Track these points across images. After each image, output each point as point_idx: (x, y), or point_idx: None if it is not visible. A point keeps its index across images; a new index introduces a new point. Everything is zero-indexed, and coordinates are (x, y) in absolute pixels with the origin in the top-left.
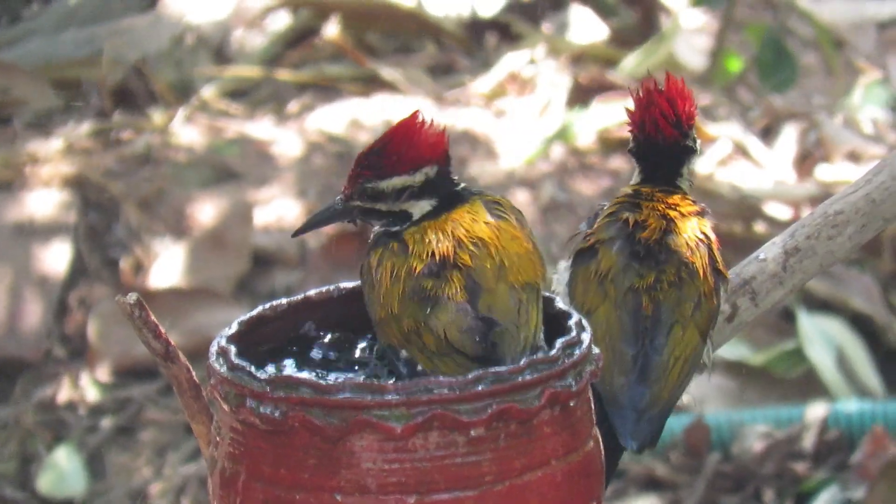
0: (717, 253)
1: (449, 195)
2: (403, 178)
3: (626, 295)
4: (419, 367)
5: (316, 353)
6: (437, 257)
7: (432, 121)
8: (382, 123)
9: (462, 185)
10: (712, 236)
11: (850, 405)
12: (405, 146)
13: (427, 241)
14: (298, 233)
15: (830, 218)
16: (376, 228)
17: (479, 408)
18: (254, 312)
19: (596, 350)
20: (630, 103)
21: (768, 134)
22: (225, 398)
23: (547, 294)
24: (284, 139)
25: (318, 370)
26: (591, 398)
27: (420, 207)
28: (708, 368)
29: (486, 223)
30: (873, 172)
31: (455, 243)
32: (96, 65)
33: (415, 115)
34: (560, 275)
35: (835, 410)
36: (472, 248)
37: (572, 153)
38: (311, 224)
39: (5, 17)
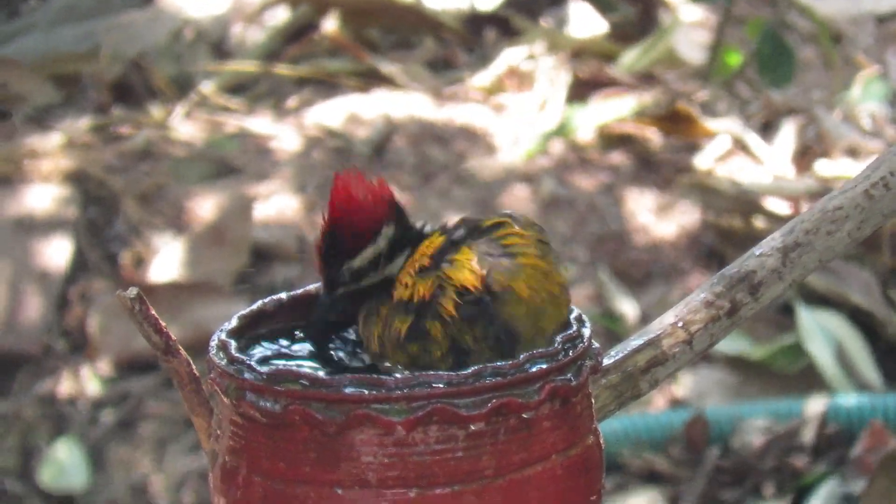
0: None
1: (417, 238)
2: (369, 249)
3: None
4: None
5: (314, 347)
6: (415, 304)
7: (362, 177)
8: (381, 118)
9: (426, 226)
10: None
11: (850, 399)
12: (352, 217)
13: (406, 285)
14: (311, 337)
15: (829, 213)
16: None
17: (478, 402)
18: (254, 307)
19: (596, 345)
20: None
21: (767, 129)
22: (225, 392)
23: None
24: (283, 134)
25: (318, 363)
26: (591, 393)
27: (398, 266)
28: None
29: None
30: (872, 168)
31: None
32: (95, 60)
33: (343, 179)
34: None
35: (834, 404)
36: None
37: (571, 148)
38: (316, 328)
39: (3, 12)
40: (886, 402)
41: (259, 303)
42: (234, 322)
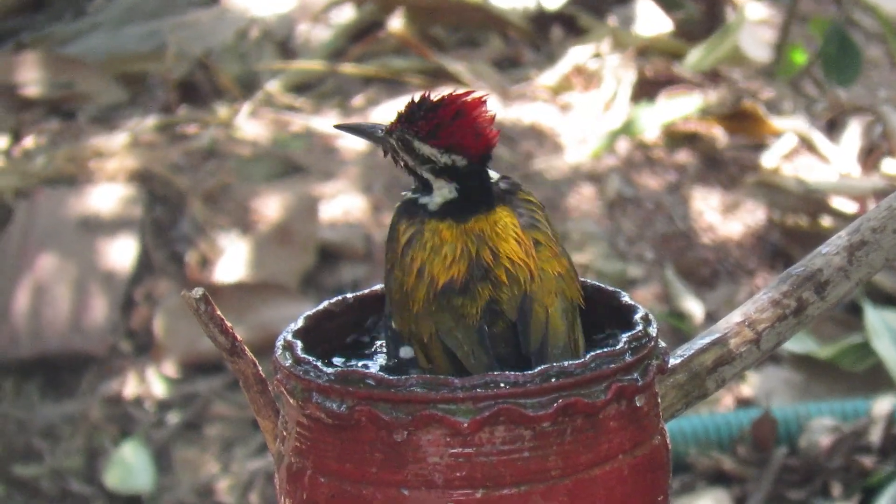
0: None
1: (475, 191)
2: (432, 150)
3: None
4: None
5: (380, 348)
6: (468, 268)
7: (493, 116)
8: None
9: (497, 179)
10: None
11: None
12: (451, 122)
13: (457, 246)
14: (339, 127)
15: None
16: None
17: (545, 402)
18: (320, 307)
19: (662, 344)
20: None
21: (833, 127)
22: (291, 393)
23: (613, 288)
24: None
25: (384, 364)
26: (658, 393)
27: (439, 187)
28: None
29: (517, 238)
30: None
31: (490, 255)
32: (161, 59)
33: (482, 101)
34: None
35: None
36: (507, 263)
37: (638, 147)
38: (353, 129)
39: (69, 12)
40: None
41: (325, 303)
42: (300, 322)
